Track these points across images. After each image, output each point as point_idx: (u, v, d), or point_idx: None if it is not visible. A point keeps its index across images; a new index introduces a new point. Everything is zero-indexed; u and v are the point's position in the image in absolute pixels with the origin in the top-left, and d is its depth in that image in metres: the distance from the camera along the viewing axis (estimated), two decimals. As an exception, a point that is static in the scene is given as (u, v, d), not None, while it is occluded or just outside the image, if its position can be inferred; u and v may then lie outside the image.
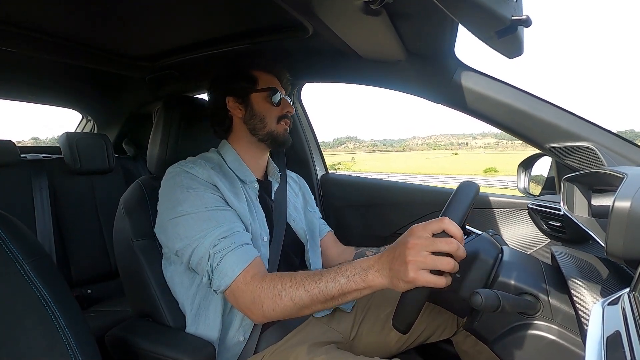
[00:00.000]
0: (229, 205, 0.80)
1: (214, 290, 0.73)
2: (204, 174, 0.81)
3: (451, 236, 0.55)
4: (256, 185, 0.92)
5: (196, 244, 0.73)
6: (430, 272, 0.55)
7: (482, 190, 0.82)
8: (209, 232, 0.73)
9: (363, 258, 0.64)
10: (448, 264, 0.54)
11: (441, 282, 0.55)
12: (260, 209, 0.89)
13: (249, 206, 0.85)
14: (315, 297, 0.64)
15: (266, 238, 0.86)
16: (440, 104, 1.07)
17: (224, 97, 0.92)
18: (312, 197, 1.13)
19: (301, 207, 1.06)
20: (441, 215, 0.60)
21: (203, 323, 0.80)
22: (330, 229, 1.12)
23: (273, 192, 0.98)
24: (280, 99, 0.93)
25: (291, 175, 1.12)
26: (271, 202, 0.95)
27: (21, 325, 0.56)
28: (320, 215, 1.13)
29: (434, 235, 0.56)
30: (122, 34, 1.13)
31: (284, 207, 0.96)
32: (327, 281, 0.64)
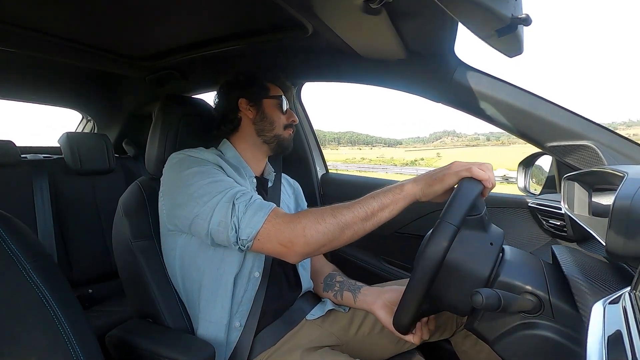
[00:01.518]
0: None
1: (240, 246, 0.73)
2: (209, 156, 0.85)
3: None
4: (254, 180, 0.94)
5: (217, 201, 0.73)
6: None
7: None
8: (227, 191, 0.75)
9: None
10: (484, 171, 0.66)
11: (482, 173, 0.66)
12: None
13: None
14: (357, 214, 0.70)
15: None
16: (440, 103, 1.06)
17: (237, 98, 0.97)
18: (305, 203, 1.15)
19: (293, 208, 1.08)
20: (442, 214, 0.62)
21: (213, 308, 0.81)
22: None
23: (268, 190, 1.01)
24: (287, 108, 0.99)
25: (287, 179, 1.14)
26: (267, 199, 0.97)
27: (23, 325, 0.56)
28: None
29: None
30: (122, 34, 1.13)
31: (277, 202, 0.98)
32: (366, 199, 0.72)
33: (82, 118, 2.19)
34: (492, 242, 0.65)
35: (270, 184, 1.01)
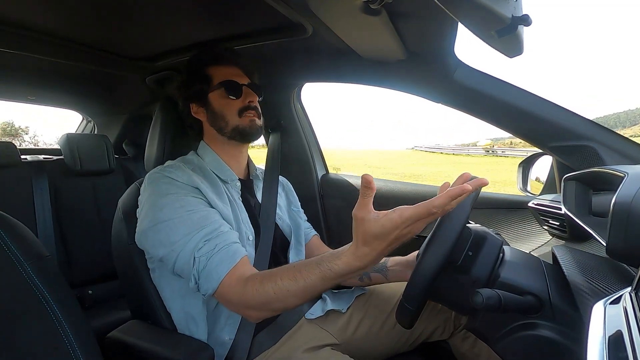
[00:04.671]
0: (212, 206, 0.79)
1: (202, 295, 0.72)
2: (184, 177, 0.80)
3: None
4: (238, 184, 0.91)
5: (180, 249, 0.71)
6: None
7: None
8: (192, 235, 0.72)
9: (337, 251, 0.62)
10: (419, 223, 0.53)
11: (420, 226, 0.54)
12: (243, 208, 0.88)
13: (232, 206, 0.85)
14: (304, 296, 0.64)
15: (252, 237, 0.86)
16: (441, 104, 1.06)
17: (187, 104, 0.92)
18: (297, 199, 1.14)
19: (285, 206, 1.07)
20: (441, 216, 0.61)
21: (192, 325, 0.80)
22: (316, 232, 1.11)
23: (256, 191, 0.98)
24: (241, 88, 0.90)
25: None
26: (254, 201, 0.96)
27: (22, 326, 0.56)
28: (306, 218, 1.13)
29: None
30: (122, 35, 1.13)
31: (273, 207, 0.96)
32: (314, 279, 0.62)
33: (82, 119, 2.19)
34: (475, 281, 0.64)
35: (259, 184, 0.99)
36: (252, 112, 0.91)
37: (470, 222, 0.79)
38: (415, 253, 0.94)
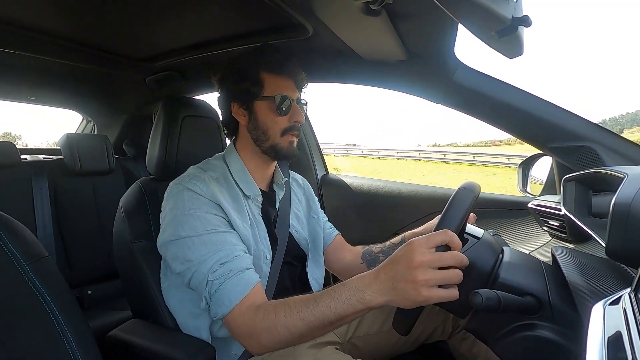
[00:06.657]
0: (232, 227, 0.78)
1: (212, 317, 0.73)
2: (208, 192, 0.78)
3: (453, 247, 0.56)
4: (260, 199, 0.88)
5: (195, 268, 0.72)
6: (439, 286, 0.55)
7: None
8: (207, 257, 0.72)
9: (359, 276, 0.61)
10: (457, 276, 0.55)
11: (454, 294, 0.55)
12: (262, 224, 0.87)
13: (251, 224, 0.83)
14: (312, 325, 0.62)
15: (269, 256, 0.85)
16: (440, 104, 1.07)
17: (229, 101, 0.87)
18: (316, 201, 1.10)
19: (304, 215, 1.03)
20: (441, 218, 0.62)
21: (195, 334, 0.81)
22: (338, 232, 1.10)
23: (277, 201, 0.95)
24: (290, 105, 0.84)
25: (296, 179, 1.09)
26: (274, 212, 0.93)
27: (22, 326, 0.56)
28: (326, 219, 1.11)
29: (436, 249, 0.55)
30: (122, 35, 1.14)
31: (287, 218, 0.94)
32: (322, 307, 0.61)
33: (83, 119, 2.19)
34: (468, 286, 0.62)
35: (281, 193, 0.95)
36: (296, 132, 0.86)
37: (469, 224, 0.78)
38: (433, 221, 0.93)
